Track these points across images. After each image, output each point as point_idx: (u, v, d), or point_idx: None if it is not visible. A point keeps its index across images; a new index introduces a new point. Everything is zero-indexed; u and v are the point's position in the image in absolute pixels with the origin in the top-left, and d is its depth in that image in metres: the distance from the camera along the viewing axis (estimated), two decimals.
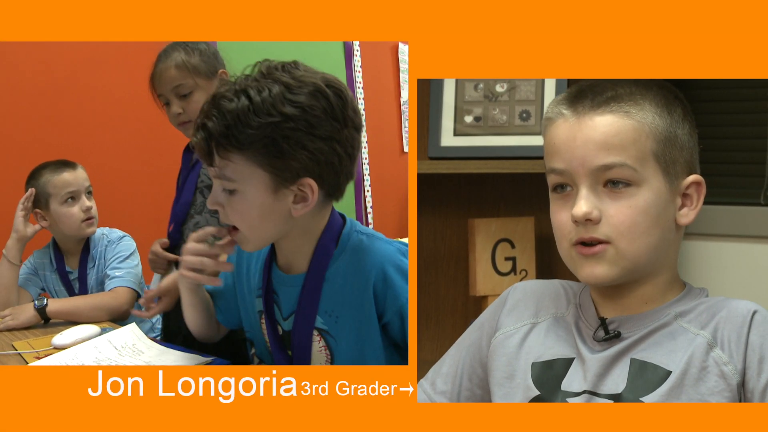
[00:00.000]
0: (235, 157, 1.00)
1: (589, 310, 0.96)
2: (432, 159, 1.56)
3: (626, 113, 0.89)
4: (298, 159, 1.00)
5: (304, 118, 0.99)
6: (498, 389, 0.97)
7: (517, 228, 1.58)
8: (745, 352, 0.85)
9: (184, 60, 1.71)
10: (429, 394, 1.05)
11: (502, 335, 1.00)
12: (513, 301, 1.02)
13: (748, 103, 1.59)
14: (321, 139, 1.00)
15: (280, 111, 0.98)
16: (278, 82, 0.99)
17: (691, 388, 0.86)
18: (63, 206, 1.97)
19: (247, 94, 0.98)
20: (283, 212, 1.04)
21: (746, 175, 1.60)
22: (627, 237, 0.88)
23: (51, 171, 2.00)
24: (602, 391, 0.90)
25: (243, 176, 1.01)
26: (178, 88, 1.71)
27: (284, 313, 1.16)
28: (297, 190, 1.03)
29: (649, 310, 0.92)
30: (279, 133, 0.98)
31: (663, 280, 0.93)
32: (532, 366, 0.95)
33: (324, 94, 1.01)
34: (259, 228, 1.06)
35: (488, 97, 1.57)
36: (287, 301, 1.15)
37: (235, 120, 0.97)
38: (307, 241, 1.11)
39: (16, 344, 1.55)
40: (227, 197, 1.04)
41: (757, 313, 0.87)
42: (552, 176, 0.93)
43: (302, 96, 0.99)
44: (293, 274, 1.14)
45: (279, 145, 0.98)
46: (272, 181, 1.01)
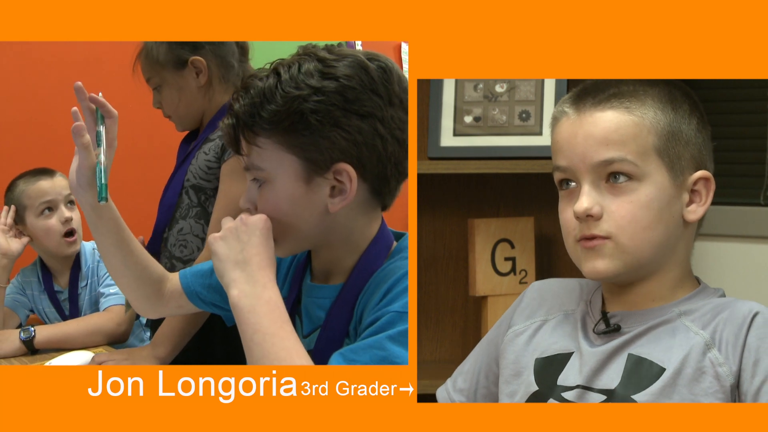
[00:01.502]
0: (262, 140, 0.88)
1: (597, 306, 0.96)
2: (432, 159, 1.56)
3: (626, 109, 0.89)
4: (331, 139, 0.86)
5: (337, 91, 0.86)
6: (505, 386, 0.98)
7: (516, 228, 1.58)
8: (742, 354, 0.85)
9: (149, 52, 1.60)
10: (449, 392, 1.06)
11: (513, 333, 1.01)
12: (528, 299, 1.03)
13: (748, 103, 1.59)
14: (358, 115, 0.87)
15: (308, 84, 0.86)
16: (314, 58, 0.89)
17: (685, 388, 0.86)
18: (39, 219, 1.79)
19: (277, 71, 0.88)
20: (318, 207, 0.90)
21: (746, 175, 1.60)
22: (628, 232, 0.88)
23: (26, 181, 1.82)
24: (596, 386, 0.90)
25: (272, 163, 0.89)
26: (149, 81, 1.63)
27: (305, 330, 0.99)
28: (333, 179, 0.89)
29: (655, 306, 0.92)
30: (307, 108, 0.85)
31: (671, 278, 0.93)
32: (535, 362, 0.96)
33: (364, 66, 0.88)
34: (288, 225, 0.91)
35: (488, 97, 1.58)
36: (310, 316, 0.99)
37: (261, 98, 0.87)
38: (349, 253, 0.95)
39: None
40: (258, 191, 0.92)
41: (759, 315, 0.86)
42: (557, 173, 0.93)
43: (339, 68, 0.87)
44: (327, 284, 0.98)
45: (307, 122, 0.86)
46: (304, 168, 0.88)
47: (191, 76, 1.60)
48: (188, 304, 1.11)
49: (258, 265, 0.87)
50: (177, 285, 1.11)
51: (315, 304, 0.98)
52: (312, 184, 0.89)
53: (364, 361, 0.84)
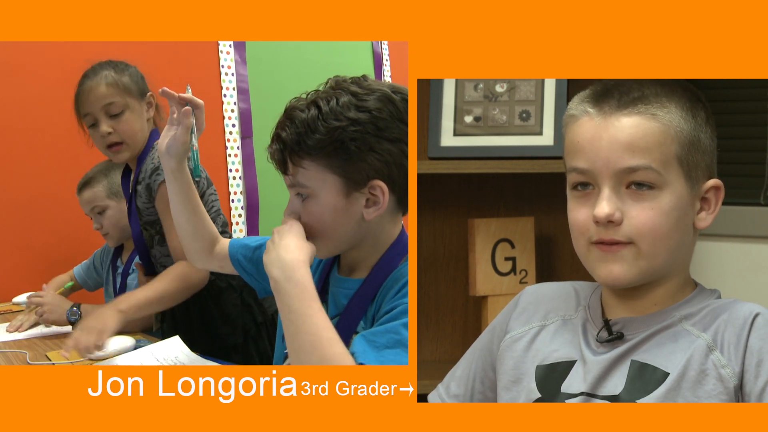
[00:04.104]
0: (307, 163, 1.03)
1: (597, 312, 0.96)
2: (432, 159, 1.56)
3: (653, 115, 0.88)
4: (368, 161, 1.03)
5: (371, 122, 1.02)
6: (505, 393, 0.97)
7: (517, 228, 1.58)
8: (744, 355, 0.85)
9: (115, 78, 1.69)
10: (442, 398, 1.05)
11: (510, 339, 1.00)
12: (523, 304, 1.02)
13: (748, 103, 1.59)
14: (389, 141, 1.03)
15: (347, 116, 1.02)
16: (347, 92, 1.04)
17: (689, 391, 0.86)
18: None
19: (317, 104, 1.03)
20: (356, 216, 1.06)
21: (746, 175, 1.60)
22: (648, 239, 0.87)
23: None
24: (600, 393, 0.89)
25: (316, 182, 1.04)
26: (110, 106, 1.68)
27: (330, 314, 1.13)
28: (368, 193, 1.05)
29: (656, 311, 0.92)
30: (347, 137, 1.01)
31: (675, 283, 0.93)
32: (536, 369, 0.95)
33: (390, 99, 1.04)
34: (331, 233, 1.07)
35: (488, 97, 1.58)
36: (335, 303, 1.15)
37: (305, 128, 1.02)
38: (375, 252, 1.11)
39: (50, 354, 1.55)
40: (302, 204, 1.07)
41: (760, 316, 0.86)
42: (573, 174, 0.92)
43: (370, 102, 1.03)
44: (352, 277, 1.14)
45: (347, 148, 1.01)
46: (344, 185, 1.04)
47: (145, 108, 1.76)
48: (229, 266, 1.31)
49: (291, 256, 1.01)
50: (224, 249, 1.31)
51: (341, 294, 1.13)
52: (350, 198, 1.05)
53: (382, 342, 0.97)
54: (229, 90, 2.96)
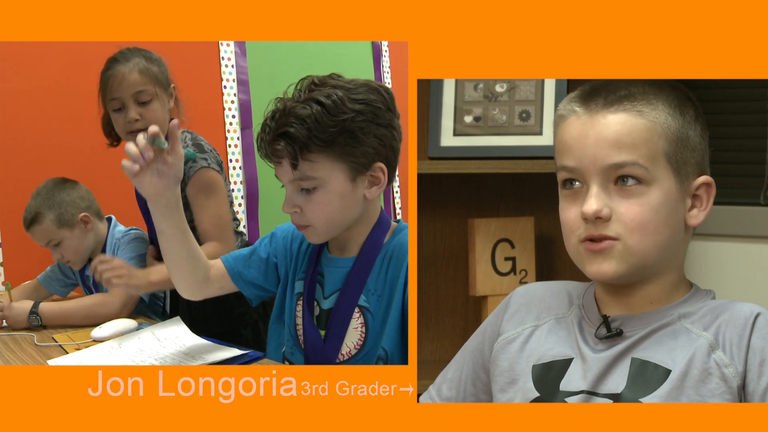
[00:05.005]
0: (317, 156, 1.12)
1: (593, 310, 0.96)
2: (432, 159, 1.56)
3: (639, 112, 0.89)
4: (372, 145, 1.14)
5: (370, 111, 1.14)
6: (501, 395, 0.97)
7: (516, 228, 1.58)
8: (747, 355, 0.85)
9: (147, 66, 1.71)
10: (434, 400, 1.05)
11: (504, 340, 1.00)
12: (515, 306, 1.02)
13: (748, 103, 1.59)
14: (384, 126, 1.16)
15: (350, 108, 1.12)
16: (338, 87, 1.14)
17: (692, 390, 0.86)
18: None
19: (317, 100, 1.11)
20: (358, 198, 1.18)
21: (746, 175, 1.60)
22: (637, 234, 0.88)
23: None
24: (601, 391, 0.89)
25: (324, 172, 1.13)
26: (140, 94, 1.69)
27: (326, 292, 1.25)
28: (370, 175, 1.17)
29: (653, 309, 0.92)
30: (355, 126, 1.12)
31: (669, 281, 0.93)
32: (532, 368, 0.95)
33: (377, 90, 1.17)
34: (337, 218, 1.18)
35: (488, 97, 1.58)
36: (332, 281, 1.25)
37: (315, 123, 1.10)
38: (363, 230, 1.23)
39: (56, 336, 1.60)
40: (305, 197, 1.15)
41: (760, 316, 0.86)
42: (562, 173, 0.93)
43: (362, 93, 1.14)
44: (344, 256, 1.25)
45: (356, 137, 1.12)
46: (351, 171, 1.15)
47: (169, 97, 1.78)
48: (229, 284, 1.36)
49: None
50: (220, 269, 1.35)
51: (336, 273, 1.24)
52: (356, 182, 1.16)
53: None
54: (229, 81, 2.98)
